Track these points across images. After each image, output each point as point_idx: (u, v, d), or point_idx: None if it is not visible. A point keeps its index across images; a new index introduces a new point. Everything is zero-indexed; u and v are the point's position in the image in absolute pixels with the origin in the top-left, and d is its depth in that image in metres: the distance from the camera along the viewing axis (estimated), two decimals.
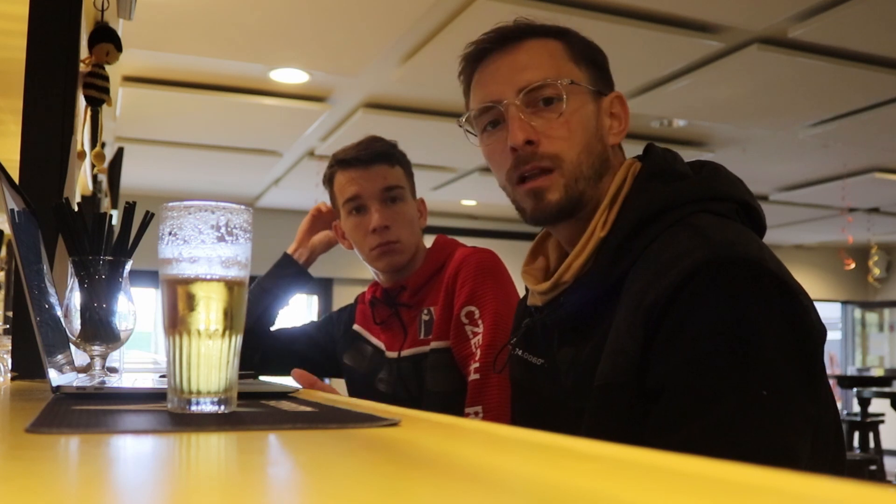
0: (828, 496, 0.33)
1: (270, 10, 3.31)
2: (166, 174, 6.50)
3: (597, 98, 1.05)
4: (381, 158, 1.57)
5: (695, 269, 0.85)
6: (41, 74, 1.40)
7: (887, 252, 9.86)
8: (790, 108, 4.53)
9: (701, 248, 0.86)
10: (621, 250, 0.95)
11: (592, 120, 1.03)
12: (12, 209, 0.94)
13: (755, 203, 1.00)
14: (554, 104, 1.01)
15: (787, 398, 0.82)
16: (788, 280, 0.87)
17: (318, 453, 0.49)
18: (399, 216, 1.56)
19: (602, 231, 0.98)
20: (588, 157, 1.02)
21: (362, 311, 1.70)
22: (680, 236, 0.90)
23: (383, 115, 4.67)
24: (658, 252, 0.90)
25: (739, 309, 0.83)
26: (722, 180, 1.00)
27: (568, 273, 0.99)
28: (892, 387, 6.86)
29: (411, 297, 1.57)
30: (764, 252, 0.88)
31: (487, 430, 0.61)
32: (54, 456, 0.46)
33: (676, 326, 0.85)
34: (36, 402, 0.79)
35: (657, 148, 1.05)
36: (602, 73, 1.07)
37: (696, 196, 0.96)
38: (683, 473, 0.40)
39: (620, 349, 0.89)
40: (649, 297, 0.87)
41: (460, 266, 1.49)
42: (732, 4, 3.26)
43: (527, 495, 0.35)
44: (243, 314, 0.68)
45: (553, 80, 1.01)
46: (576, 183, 1.01)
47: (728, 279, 0.85)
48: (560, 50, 1.05)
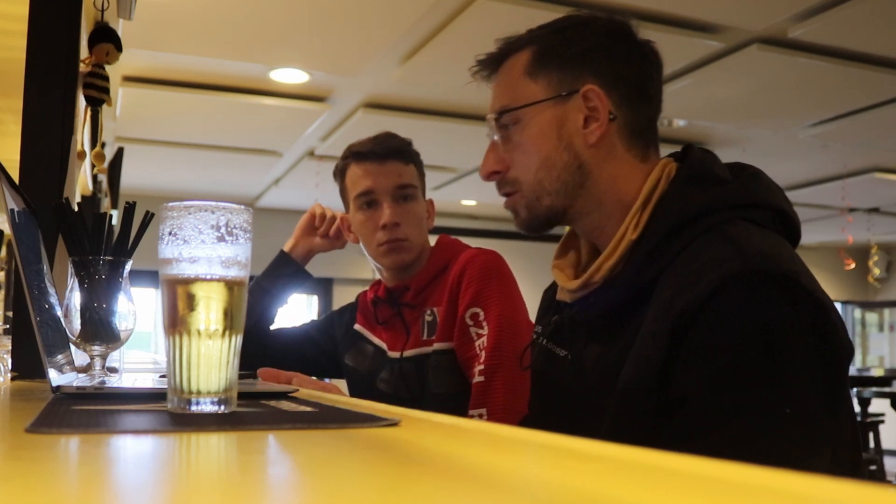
0: (828, 496, 0.33)
1: (270, 10, 3.31)
2: (166, 174, 6.50)
3: (562, 102, 1.01)
4: (396, 155, 1.57)
5: (726, 280, 0.84)
6: (41, 74, 1.40)
7: (887, 252, 9.86)
8: (790, 108, 4.53)
9: (734, 258, 0.85)
10: (653, 254, 0.93)
11: (552, 132, 1.01)
12: (12, 209, 0.94)
13: (792, 212, 0.98)
14: (510, 129, 1.04)
15: (809, 417, 0.81)
16: (820, 295, 0.86)
17: (318, 453, 0.49)
18: (409, 215, 1.55)
19: (634, 233, 0.96)
20: (550, 171, 1.01)
21: (364, 311, 1.69)
22: (713, 244, 0.89)
23: (383, 115, 4.67)
24: (690, 259, 0.89)
25: (769, 323, 0.82)
26: (761, 187, 0.98)
27: (598, 274, 0.98)
28: (892, 387, 6.86)
29: (415, 298, 1.57)
30: (798, 265, 0.87)
31: (488, 430, 0.61)
32: (54, 456, 0.46)
33: (704, 337, 0.84)
34: (36, 402, 0.79)
35: (696, 149, 1.03)
36: (573, 69, 1.02)
37: (733, 202, 0.94)
38: (684, 474, 0.40)
39: (645, 355, 0.88)
40: (678, 305, 0.86)
41: (465, 267, 1.48)
42: (732, 4, 3.26)
43: (527, 495, 0.35)
44: (243, 314, 0.68)
45: (506, 106, 1.04)
46: (538, 201, 1.02)
47: (759, 292, 0.83)
48: (522, 65, 1.04)
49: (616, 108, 1.01)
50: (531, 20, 1.08)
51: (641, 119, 1.03)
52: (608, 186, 1.01)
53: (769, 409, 0.80)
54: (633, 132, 1.02)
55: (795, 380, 0.82)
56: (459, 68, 4.09)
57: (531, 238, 1.19)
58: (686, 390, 0.84)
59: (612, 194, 1.01)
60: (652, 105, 1.05)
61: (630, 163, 1.02)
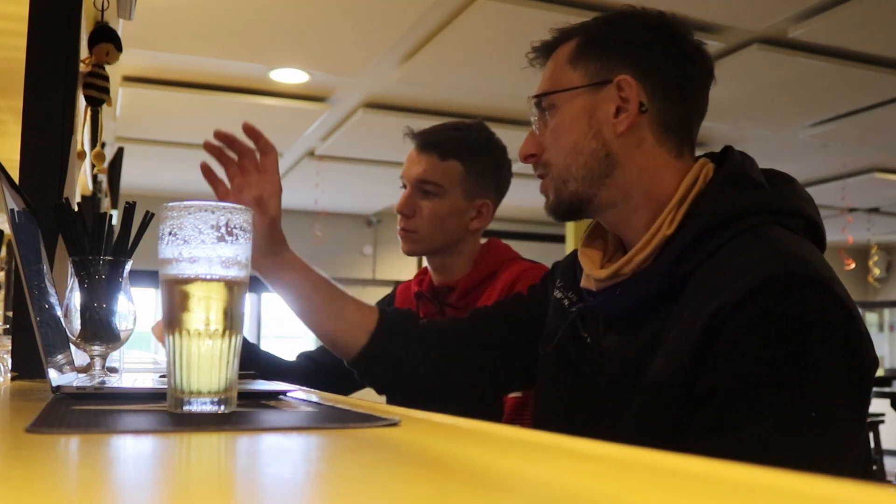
0: (828, 496, 0.33)
1: (270, 10, 3.31)
2: (166, 174, 6.50)
3: (595, 91, 1.02)
4: (434, 147, 1.54)
5: (765, 281, 0.84)
6: (41, 74, 1.40)
7: (887, 252, 9.86)
8: (790, 108, 4.53)
9: (773, 260, 0.86)
10: (687, 252, 0.94)
11: (583, 119, 1.02)
12: (12, 209, 0.94)
13: (821, 223, 0.99)
14: (547, 114, 1.06)
15: (834, 424, 0.82)
16: (851, 305, 0.87)
17: (318, 453, 0.49)
18: (423, 209, 1.53)
19: (668, 229, 0.96)
20: (577, 157, 1.02)
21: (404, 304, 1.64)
22: (753, 245, 0.89)
23: (383, 115, 4.67)
24: (729, 258, 0.90)
25: (803, 327, 0.83)
26: (796, 195, 0.98)
27: (628, 266, 0.98)
28: (892, 387, 6.86)
29: (459, 300, 1.54)
30: (832, 273, 0.88)
31: (488, 430, 0.61)
32: (54, 456, 0.46)
33: (738, 335, 0.84)
34: (36, 402, 0.79)
35: (736, 152, 1.03)
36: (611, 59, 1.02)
37: (770, 207, 0.95)
38: (685, 474, 0.40)
39: (676, 350, 0.89)
40: (715, 301, 0.86)
41: (517, 280, 1.46)
42: (732, 4, 3.26)
43: (527, 495, 0.35)
44: (243, 314, 0.68)
45: (548, 89, 1.06)
46: (565, 185, 1.03)
47: (797, 295, 0.84)
48: (567, 53, 1.05)
49: (649, 100, 1.00)
50: (531, 20, 1.09)
51: (675, 115, 1.02)
52: (636, 178, 1.01)
53: (795, 411, 0.81)
54: (666, 127, 1.02)
55: (824, 385, 0.82)
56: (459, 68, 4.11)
57: (536, 239, 1.20)
58: (714, 386, 0.85)
59: (639, 187, 1.01)
60: (689, 103, 1.04)
61: (662, 157, 1.02)
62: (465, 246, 1.57)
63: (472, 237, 1.58)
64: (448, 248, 1.56)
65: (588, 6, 3.23)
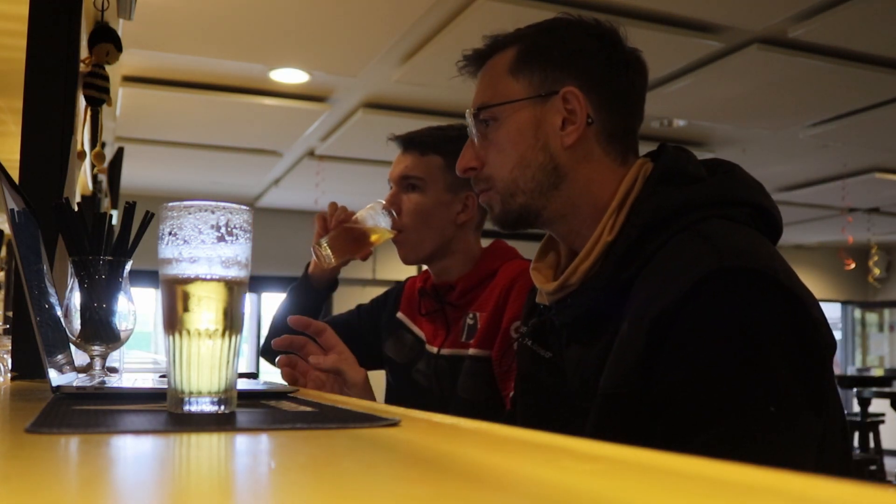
0: (828, 496, 0.33)
1: (270, 10, 3.31)
2: (166, 174, 6.50)
3: (541, 103, 1.01)
4: (415, 145, 1.55)
5: (702, 280, 0.83)
6: (41, 74, 1.40)
7: (887, 252, 9.86)
8: (790, 108, 4.53)
9: (709, 257, 0.84)
10: (628, 255, 0.93)
11: (529, 132, 1.01)
12: (12, 209, 0.94)
13: (771, 206, 0.97)
14: (488, 126, 1.04)
15: (794, 414, 0.81)
16: (799, 291, 0.85)
17: (318, 453, 0.49)
18: (408, 205, 1.53)
19: (609, 235, 0.96)
20: (525, 170, 1.01)
21: (409, 299, 1.66)
22: (687, 244, 0.88)
23: (383, 115, 4.67)
24: (665, 260, 0.89)
25: (747, 322, 0.82)
26: (736, 184, 0.97)
27: (574, 276, 0.98)
28: (892, 387, 6.86)
29: (459, 298, 1.54)
30: (775, 262, 0.86)
31: (488, 430, 0.61)
32: (54, 456, 0.46)
33: (683, 338, 0.83)
34: (36, 402, 0.79)
35: (670, 148, 1.02)
36: (555, 70, 1.01)
37: (708, 201, 0.93)
38: (683, 474, 0.40)
39: (624, 358, 0.88)
40: (655, 307, 0.85)
41: (516, 279, 1.46)
42: (732, 4, 3.26)
43: (527, 495, 0.35)
44: (243, 314, 0.68)
45: (485, 102, 1.04)
46: (512, 198, 1.02)
47: (736, 291, 0.83)
48: (506, 62, 1.04)
49: (595, 111, 1.00)
50: (531, 20, 1.08)
51: (620, 125, 1.02)
52: (584, 190, 1.01)
53: (753, 409, 0.80)
54: (612, 136, 1.02)
55: (777, 377, 0.81)
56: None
57: (530, 238, 1.20)
58: (669, 393, 0.84)
59: (587, 197, 1.01)
60: (632, 112, 1.04)
61: (608, 167, 1.01)
62: (458, 244, 1.56)
63: (463, 233, 1.57)
64: (442, 249, 1.55)
65: (588, 6, 3.24)
